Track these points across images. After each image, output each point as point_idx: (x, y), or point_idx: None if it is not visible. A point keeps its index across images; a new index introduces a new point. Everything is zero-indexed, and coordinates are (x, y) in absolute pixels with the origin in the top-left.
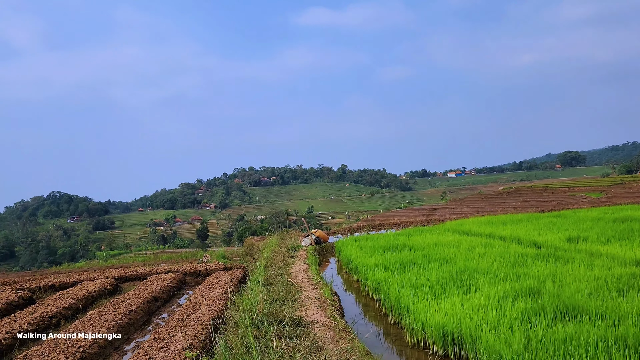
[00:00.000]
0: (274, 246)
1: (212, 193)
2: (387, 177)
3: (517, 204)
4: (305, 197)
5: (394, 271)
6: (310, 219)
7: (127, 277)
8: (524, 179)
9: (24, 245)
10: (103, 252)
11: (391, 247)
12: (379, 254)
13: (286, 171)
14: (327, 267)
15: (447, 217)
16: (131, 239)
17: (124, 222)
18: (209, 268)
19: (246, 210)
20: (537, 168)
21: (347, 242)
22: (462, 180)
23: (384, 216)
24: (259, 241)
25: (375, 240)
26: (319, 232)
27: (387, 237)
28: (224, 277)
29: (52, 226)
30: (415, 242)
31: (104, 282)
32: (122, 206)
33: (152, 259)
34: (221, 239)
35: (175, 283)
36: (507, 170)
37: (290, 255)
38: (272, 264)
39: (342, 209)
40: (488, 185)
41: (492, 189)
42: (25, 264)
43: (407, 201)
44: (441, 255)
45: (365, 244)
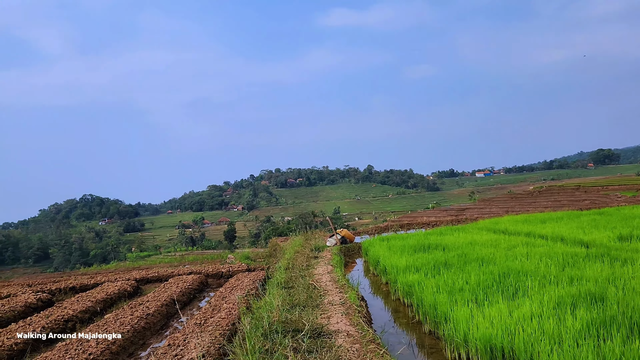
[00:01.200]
0: (298, 247)
1: (239, 195)
2: (414, 177)
3: (548, 203)
4: (332, 198)
5: (427, 273)
6: (337, 220)
7: (148, 278)
8: (554, 178)
9: (58, 247)
10: (133, 253)
11: (422, 246)
12: (409, 254)
13: (312, 172)
14: (353, 269)
15: (477, 217)
16: (160, 240)
17: (153, 224)
18: (232, 269)
19: (273, 211)
20: (568, 167)
21: (374, 242)
22: (490, 179)
23: (411, 216)
24: (283, 242)
25: (405, 240)
26: (345, 232)
27: (417, 236)
28: (246, 279)
29: (85, 228)
30: (448, 241)
31: (124, 284)
32: (151, 208)
33: (178, 260)
34: (248, 240)
35: (197, 285)
36: (538, 170)
37: (314, 256)
38: (294, 265)
39: (368, 210)
40: (518, 185)
41: (522, 189)
42: (59, 266)
43: (435, 201)
44: (479, 255)
45: (394, 244)
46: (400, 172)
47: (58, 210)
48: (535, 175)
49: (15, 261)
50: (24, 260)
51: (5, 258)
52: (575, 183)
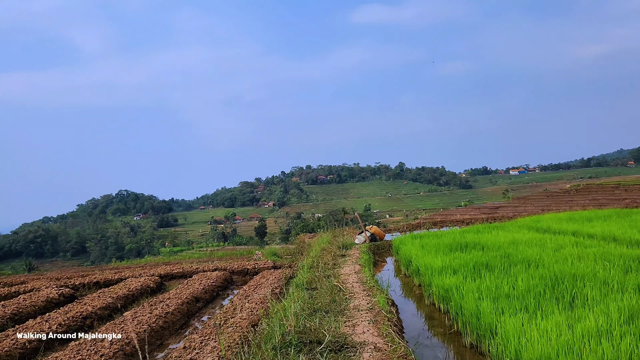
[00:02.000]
0: (325, 244)
1: (270, 191)
2: (446, 174)
3: (586, 202)
4: (362, 195)
5: (467, 276)
6: (367, 217)
7: (172, 274)
8: (592, 176)
9: (95, 241)
10: (166, 248)
11: (459, 245)
12: (444, 253)
13: (343, 169)
14: (382, 268)
15: (514, 215)
16: (193, 236)
17: (186, 220)
18: (258, 266)
19: (303, 208)
20: (607, 165)
21: (406, 240)
22: (525, 177)
23: (443, 214)
24: (310, 238)
25: (439, 238)
26: (375, 229)
27: (453, 234)
28: (271, 277)
29: (120, 223)
30: (487, 240)
31: (148, 280)
32: (184, 204)
33: (207, 255)
34: (279, 236)
35: (221, 282)
36: (574, 167)
37: (342, 255)
38: (319, 264)
39: (399, 207)
40: (554, 183)
41: (558, 187)
42: (96, 259)
43: (467, 199)
44: (524, 255)
45: (427, 242)
46: (432, 170)
47: (95, 205)
48: (572, 174)
49: (54, 254)
50: (63, 253)
51: (44, 251)
52: (615, 181)
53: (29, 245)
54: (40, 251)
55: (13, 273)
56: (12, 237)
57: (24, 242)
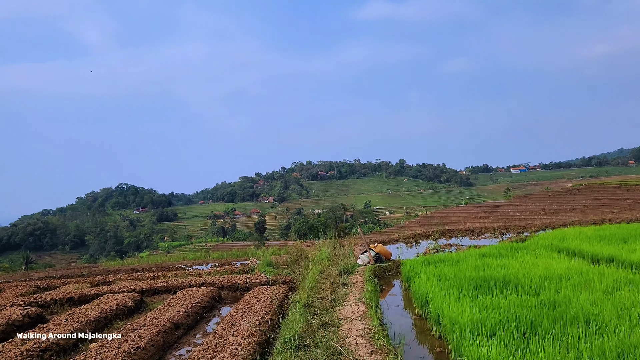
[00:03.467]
0: (324, 262)
1: (270, 187)
2: (446, 172)
3: (588, 202)
4: (363, 192)
5: (509, 344)
6: (367, 214)
7: (156, 289)
8: (593, 175)
9: (94, 235)
10: (165, 242)
11: (485, 280)
12: (469, 294)
13: (344, 165)
14: (388, 294)
15: (528, 224)
16: (192, 230)
17: (186, 214)
18: (249, 281)
19: (304, 204)
20: (607, 164)
21: (417, 266)
22: (525, 176)
23: (443, 212)
24: (309, 247)
25: (457, 265)
26: (380, 248)
27: (472, 259)
28: (263, 297)
29: (120, 217)
30: (515, 269)
31: (126, 298)
32: (184, 198)
33: (202, 257)
34: (279, 232)
35: (207, 301)
36: (575, 166)
37: (343, 283)
38: (316, 301)
39: (400, 204)
40: (554, 182)
41: (559, 186)
42: (95, 253)
43: (468, 197)
44: (576, 308)
45: (444, 272)
46: (433, 167)
47: (94, 199)
48: (573, 172)
49: (53, 247)
50: (62, 246)
51: (43, 244)
52: (617, 181)
53: (27, 238)
54: (39, 244)
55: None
56: (11, 229)
57: (22, 234)
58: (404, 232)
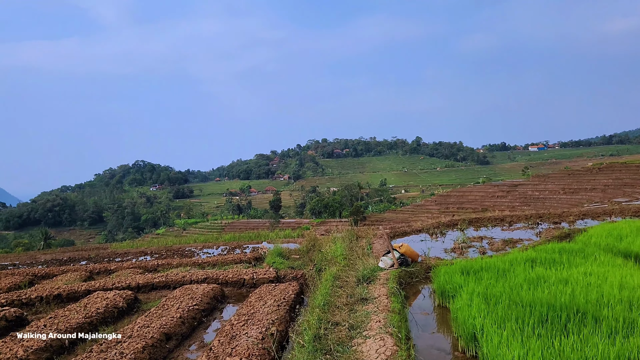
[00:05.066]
0: (339, 261)
1: (285, 164)
2: (463, 150)
3: (609, 181)
4: (378, 170)
5: None
6: (383, 192)
7: (153, 284)
8: (614, 154)
9: (111, 211)
10: (181, 220)
11: (551, 307)
12: (535, 331)
13: (359, 143)
14: (418, 309)
15: (564, 212)
16: (208, 207)
17: (202, 191)
18: (256, 277)
19: (319, 182)
20: (629, 142)
21: (455, 277)
22: (544, 154)
23: (460, 192)
24: (323, 235)
25: (506, 279)
26: (406, 248)
27: (521, 268)
28: (270, 299)
29: (137, 193)
30: (582, 287)
31: (117, 297)
32: (200, 175)
33: (214, 238)
34: (294, 210)
35: (207, 302)
36: (595, 145)
37: (362, 298)
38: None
39: (415, 183)
40: (574, 160)
41: (579, 165)
42: (112, 229)
43: (485, 176)
44: None
45: (491, 289)
46: (450, 145)
47: (112, 175)
48: (593, 151)
49: (72, 223)
50: (80, 222)
51: (62, 220)
52: (639, 160)
53: (47, 214)
54: (58, 220)
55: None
56: (31, 205)
57: (42, 210)
58: (427, 222)
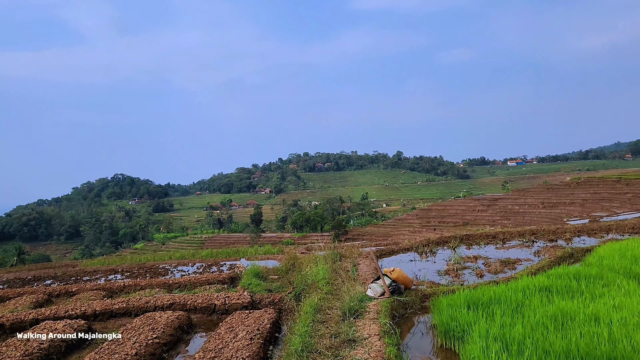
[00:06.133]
0: (321, 286)
1: (267, 178)
2: (444, 164)
3: (587, 195)
4: (360, 184)
5: None
6: (364, 206)
7: (112, 311)
8: (590, 169)
9: (89, 226)
10: (161, 234)
11: (589, 358)
12: None
13: (341, 157)
14: (416, 350)
15: (558, 229)
16: (188, 221)
17: (182, 205)
18: (229, 302)
19: (300, 195)
20: (605, 157)
21: (461, 313)
22: (523, 168)
23: (441, 205)
24: (303, 254)
25: (522, 315)
26: (398, 273)
27: (537, 300)
28: (242, 331)
29: (115, 207)
30: (617, 327)
31: (67, 328)
32: (180, 189)
33: (190, 255)
34: (275, 224)
35: (171, 333)
36: (572, 159)
37: (349, 339)
38: None
39: (397, 196)
40: (552, 175)
41: (557, 179)
42: (90, 243)
43: (465, 190)
44: None
45: (509, 330)
46: (430, 159)
47: (90, 189)
48: (570, 165)
49: (48, 238)
50: (57, 237)
51: (38, 234)
52: (616, 175)
53: (22, 228)
54: (34, 234)
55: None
56: (5, 219)
57: (17, 224)
58: (415, 240)
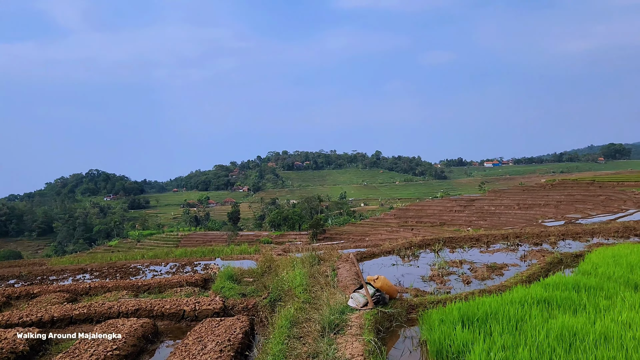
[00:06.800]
0: (298, 293)
1: (245, 176)
2: (421, 165)
3: (561, 197)
4: (338, 183)
5: None
6: (343, 205)
7: (72, 317)
8: (564, 171)
9: (62, 222)
10: (136, 231)
11: None
12: None
13: (320, 156)
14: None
15: (543, 231)
16: (165, 218)
17: (158, 202)
18: (199, 308)
19: (279, 194)
20: (578, 160)
21: (456, 331)
22: (499, 170)
23: (419, 205)
24: (280, 255)
25: (523, 334)
26: (382, 281)
27: (538, 315)
28: (211, 342)
29: (90, 203)
30: (628, 344)
31: (13, 345)
32: (157, 186)
33: (164, 254)
34: (253, 222)
35: (134, 342)
36: (547, 162)
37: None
38: None
39: (375, 196)
40: (527, 176)
41: (532, 180)
42: (63, 240)
43: (443, 190)
44: None
45: (513, 357)
46: (408, 159)
47: (64, 184)
48: (545, 167)
49: (20, 234)
50: (28, 233)
51: (9, 230)
52: (590, 177)
53: None
54: (4, 230)
55: None
56: None
57: None
58: (396, 242)
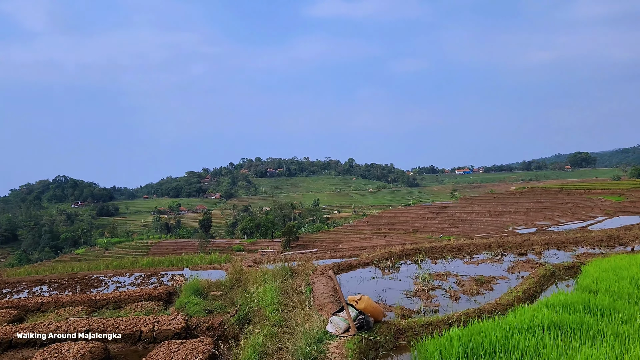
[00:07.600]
0: (269, 313)
1: (217, 182)
2: (394, 172)
3: (531, 204)
4: (312, 190)
5: None
6: (316, 212)
7: (11, 341)
8: (532, 179)
9: (27, 229)
10: (104, 239)
11: None
12: None
13: (293, 163)
14: None
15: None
16: (134, 226)
17: (128, 209)
18: (158, 328)
19: (251, 201)
20: (546, 168)
21: None
22: (470, 177)
23: (392, 212)
24: (250, 267)
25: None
26: (366, 302)
27: (553, 345)
28: None
29: (56, 210)
30: None
31: None
32: (127, 193)
33: (129, 263)
34: (225, 229)
35: None
36: (516, 169)
37: None
38: None
39: (348, 203)
40: (497, 184)
41: (502, 188)
42: (27, 248)
43: (415, 197)
44: None
45: None
46: (381, 167)
47: (30, 191)
48: (514, 175)
49: None
50: None
51: None
52: (558, 185)
53: None
54: None
55: None
56: None
57: None
58: (374, 252)
